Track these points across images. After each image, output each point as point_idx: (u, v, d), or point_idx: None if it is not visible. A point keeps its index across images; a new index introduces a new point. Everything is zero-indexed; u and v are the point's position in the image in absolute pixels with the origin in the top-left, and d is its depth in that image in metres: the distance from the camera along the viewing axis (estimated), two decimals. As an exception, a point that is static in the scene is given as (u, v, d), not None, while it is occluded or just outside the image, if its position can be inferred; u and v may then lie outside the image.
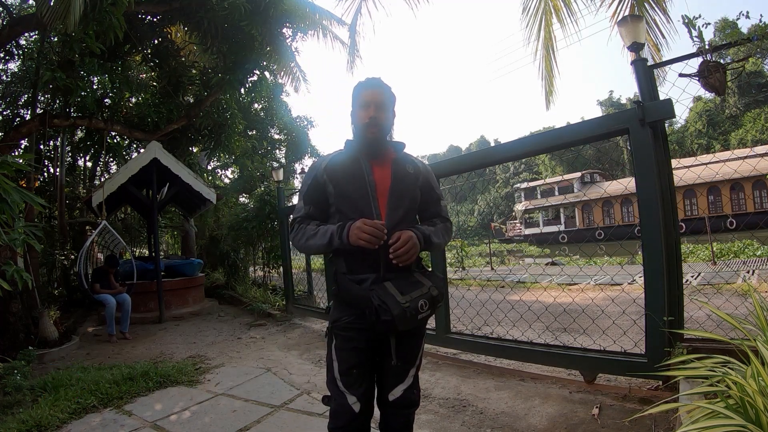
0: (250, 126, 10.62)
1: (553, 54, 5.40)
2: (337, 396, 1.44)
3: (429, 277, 1.46)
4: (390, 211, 1.44)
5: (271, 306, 6.60)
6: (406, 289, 1.35)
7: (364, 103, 1.48)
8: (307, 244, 1.46)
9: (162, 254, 9.92)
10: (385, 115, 1.50)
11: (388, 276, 1.39)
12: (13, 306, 4.42)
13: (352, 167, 1.48)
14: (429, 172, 1.62)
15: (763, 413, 1.18)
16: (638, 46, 2.58)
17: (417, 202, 1.55)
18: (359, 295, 1.39)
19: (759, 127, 33.22)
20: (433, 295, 1.39)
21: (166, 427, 2.58)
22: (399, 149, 1.56)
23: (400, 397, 1.47)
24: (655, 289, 2.37)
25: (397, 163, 1.53)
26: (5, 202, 2.33)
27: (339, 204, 1.46)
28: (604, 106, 50.21)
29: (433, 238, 1.48)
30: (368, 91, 1.50)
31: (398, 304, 1.29)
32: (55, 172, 8.70)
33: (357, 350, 1.43)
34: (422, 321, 1.37)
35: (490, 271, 11.15)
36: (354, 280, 1.43)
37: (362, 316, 1.37)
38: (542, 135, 3.16)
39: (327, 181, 1.48)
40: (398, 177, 1.50)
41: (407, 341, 1.47)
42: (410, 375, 1.50)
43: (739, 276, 6.02)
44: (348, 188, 1.44)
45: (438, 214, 1.63)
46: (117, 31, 4.84)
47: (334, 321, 1.48)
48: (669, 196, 2.48)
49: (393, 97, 1.56)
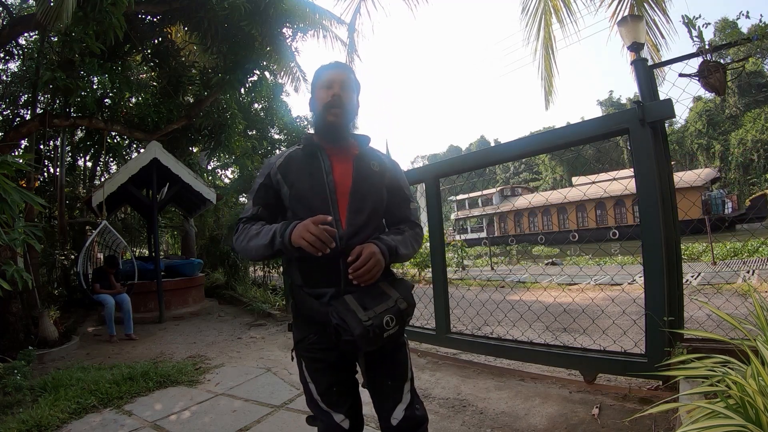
0: (250, 126, 10.61)
1: (553, 54, 5.40)
2: (322, 416, 1.30)
3: (397, 287, 1.26)
4: (351, 214, 1.27)
5: (271, 306, 6.60)
6: (369, 304, 1.17)
7: (327, 83, 1.32)
8: (248, 246, 1.27)
9: (162, 254, 9.93)
10: (349, 96, 1.33)
11: (349, 289, 1.22)
12: (13, 306, 4.42)
13: (309, 164, 1.31)
14: (397, 169, 1.44)
15: (763, 413, 1.18)
16: (638, 46, 2.58)
17: (383, 203, 1.36)
18: (318, 310, 1.23)
19: (759, 127, 33.23)
20: (400, 309, 1.20)
21: (166, 427, 2.58)
22: (363, 143, 1.38)
23: (404, 419, 1.28)
24: (655, 289, 2.37)
25: (360, 159, 1.34)
26: (5, 202, 2.33)
27: (294, 206, 1.29)
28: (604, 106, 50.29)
29: (400, 249, 1.28)
30: (331, 71, 1.35)
31: (359, 322, 1.12)
32: (55, 172, 8.71)
33: (331, 368, 1.29)
34: (389, 339, 1.18)
35: (489, 271, 11.15)
36: (311, 294, 1.27)
37: (326, 333, 1.21)
38: (542, 135, 3.16)
39: (280, 181, 1.31)
40: (361, 175, 1.31)
41: (390, 357, 1.32)
42: (406, 391, 1.32)
43: (739, 276, 6.02)
44: (303, 188, 1.27)
45: (407, 218, 1.42)
46: (117, 31, 4.84)
47: (298, 342, 1.32)
48: (669, 196, 2.48)
49: (358, 83, 1.39)
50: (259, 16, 5.94)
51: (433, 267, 3.62)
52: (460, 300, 4.19)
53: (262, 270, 9.12)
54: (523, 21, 5.47)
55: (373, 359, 1.30)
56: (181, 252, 10.92)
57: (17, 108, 8.50)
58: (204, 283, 8.28)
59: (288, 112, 12.01)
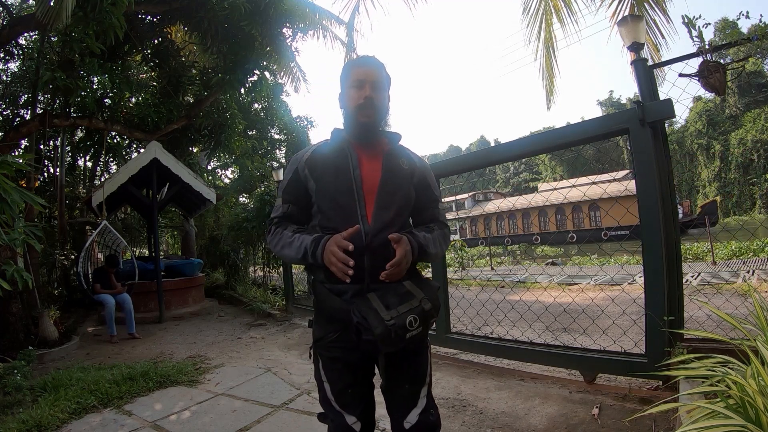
0: (250, 126, 10.63)
1: (554, 54, 5.40)
2: (334, 416, 1.28)
3: (422, 287, 1.22)
4: (378, 210, 1.24)
5: (271, 306, 6.60)
6: (392, 303, 1.14)
7: (357, 82, 1.28)
8: (282, 254, 1.28)
9: (162, 254, 9.94)
10: (381, 95, 1.30)
11: (372, 286, 1.20)
12: (13, 306, 4.43)
13: (337, 160, 1.28)
14: (426, 169, 1.41)
15: (763, 413, 1.18)
16: (638, 46, 2.58)
17: (411, 202, 1.34)
18: (339, 308, 1.21)
19: (759, 127, 33.23)
20: (424, 309, 1.16)
21: (166, 427, 2.58)
22: (394, 140, 1.36)
23: (417, 423, 1.25)
24: (655, 289, 2.37)
25: (389, 156, 1.32)
26: (5, 202, 2.33)
27: (320, 202, 1.28)
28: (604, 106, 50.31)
29: (429, 248, 1.26)
30: (362, 69, 1.30)
31: (381, 321, 1.09)
32: (55, 172, 8.71)
33: (349, 369, 1.26)
34: (412, 340, 1.14)
35: (489, 271, 11.15)
36: (333, 291, 1.24)
37: (347, 332, 1.19)
38: (542, 135, 3.16)
39: (308, 175, 1.29)
40: (390, 172, 1.30)
41: (411, 359, 1.28)
42: (422, 396, 1.29)
43: (739, 276, 6.02)
44: (330, 184, 1.25)
45: (435, 218, 1.41)
46: (117, 31, 4.85)
47: (317, 340, 1.30)
48: (669, 196, 2.48)
49: (389, 78, 1.37)
50: (259, 16, 5.94)
51: (432, 267, 3.62)
52: (460, 300, 4.19)
53: (262, 270, 9.12)
54: (524, 21, 5.47)
55: (393, 361, 1.27)
56: (181, 252, 10.92)
57: (17, 108, 8.50)
58: (204, 283, 8.28)
59: (288, 112, 12.01)
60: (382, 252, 1.18)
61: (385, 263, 1.15)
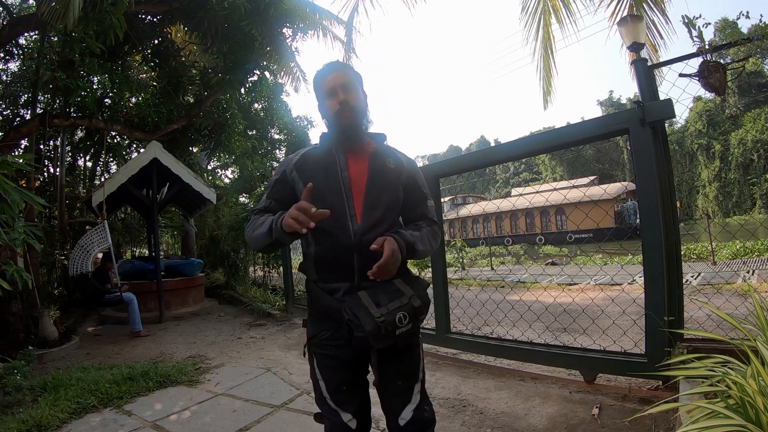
0: (250, 126, 10.62)
1: (552, 54, 5.40)
2: (329, 414, 1.31)
3: (412, 285, 1.26)
4: (366, 210, 1.27)
5: (271, 306, 6.60)
6: (382, 300, 1.18)
7: (329, 91, 1.32)
8: (252, 236, 1.29)
9: (162, 254, 9.92)
10: (354, 95, 1.32)
11: (363, 284, 1.24)
12: (13, 306, 4.43)
13: (325, 162, 1.32)
14: (414, 168, 1.43)
15: (763, 413, 1.18)
16: (638, 46, 2.58)
17: (399, 201, 1.36)
18: (331, 306, 1.25)
19: (759, 127, 33.22)
20: (414, 307, 1.20)
21: (166, 426, 2.58)
22: (379, 141, 1.39)
23: (412, 419, 1.28)
24: (655, 289, 2.37)
25: (375, 156, 1.35)
26: (5, 202, 2.33)
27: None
28: (604, 106, 50.27)
29: (417, 246, 1.27)
30: (330, 76, 1.33)
31: (371, 318, 1.13)
32: (55, 172, 8.71)
33: (342, 366, 1.30)
34: (402, 337, 1.19)
35: (489, 271, 11.15)
36: (325, 289, 1.29)
37: (340, 329, 1.23)
38: (542, 135, 3.17)
39: (296, 178, 1.33)
40: (376, 172, 1.32)
41: (402, 357, 1.31)
42: (416, 392, 1.32)
43: (739, 276, 6.02)
44: (319, 185, 1.26)
45: (424, 215, 1.42)
46: (117, 31, 4.84)
47: (311, 338, 1.34)
48: (669, 196, 2.48)
49: (358, 76, 1.39)
50: (259, 16, 5.94)
51: (433, 267, 3.62)
52: (460, 300, 4.19)
53: (262, 270, 9.13)
54: (522, 21, 5.47)
55: (385, 357, 1.29)
56: (181, 252, 10.92)
57: (17, 108, 8.50)
58: (204, 283, 8.26)
59: (288, 112, 12.02)
60: (372, 251, 1.20)
61: (374, 262, 1.17)
